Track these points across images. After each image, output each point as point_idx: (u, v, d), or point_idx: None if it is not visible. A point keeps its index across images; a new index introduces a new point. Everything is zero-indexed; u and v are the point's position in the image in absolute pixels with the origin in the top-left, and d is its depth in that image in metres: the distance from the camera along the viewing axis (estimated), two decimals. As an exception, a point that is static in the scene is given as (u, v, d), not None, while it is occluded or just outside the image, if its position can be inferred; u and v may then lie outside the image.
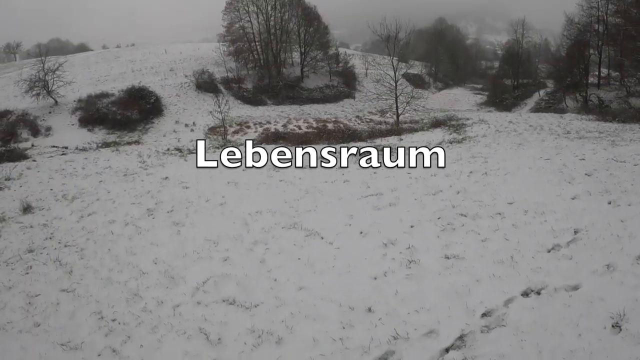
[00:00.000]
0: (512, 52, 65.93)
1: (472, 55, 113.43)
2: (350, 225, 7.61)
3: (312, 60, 53.33)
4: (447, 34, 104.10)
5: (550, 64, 52.54)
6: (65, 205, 10.87)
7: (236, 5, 51.35)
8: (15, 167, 16.94)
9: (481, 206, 7.63)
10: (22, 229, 9.03)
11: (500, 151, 13.01)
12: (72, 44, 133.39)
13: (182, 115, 37.19)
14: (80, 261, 7.02)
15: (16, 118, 33.11)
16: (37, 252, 7.61)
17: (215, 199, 10.30)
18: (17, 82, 37.42)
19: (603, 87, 39.95)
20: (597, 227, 5.90)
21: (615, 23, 39.07)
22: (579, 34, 42.46)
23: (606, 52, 41.80)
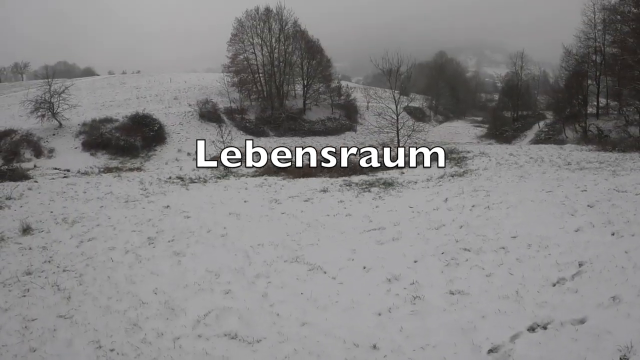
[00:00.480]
0: (511, 84, 66.63)
1: (472, 88, 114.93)
2: (353, 259, 7.57)
3: (314, 92, 53.78)
4: (448, 67, 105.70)
5: (549, 95, 52.96)
6: (65, 229, 10.83)
7: (241, 37, 52.16)
8: (17, 186, 16.90)
9: (485, 240, 7.60)
10: (20, 250, 8.99)
11: (502, 184, 13.02)
12: (79, 68, 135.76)
13: (185, 144, 37.35)
14: (79, 287, 6.96)
15: (20, 137, 33.12)
16: (35, 274, 7.56)
17: (216, 230, 10.27)
18: (23, 102, 37.63)
19: (602, 117, 40.19)
20: (601, 259, 5.86)
21: (612, 53, 39.43)
22: (577, 65, 42.90)
23: (604, 82, 42.13)
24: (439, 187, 14.19)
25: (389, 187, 15.19)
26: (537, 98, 67.82)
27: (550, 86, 57.31)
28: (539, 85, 73.45)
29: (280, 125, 46.42)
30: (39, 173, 25.01)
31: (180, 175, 22.86)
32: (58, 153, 32.21)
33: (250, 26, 51.86)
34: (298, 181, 18.53)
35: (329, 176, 19.86)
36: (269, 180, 18.99)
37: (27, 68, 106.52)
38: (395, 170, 20.35)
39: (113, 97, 51.87)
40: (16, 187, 16.80)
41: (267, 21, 51.79)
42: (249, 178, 20.73)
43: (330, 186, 16.42)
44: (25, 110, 36.82)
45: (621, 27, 37.28)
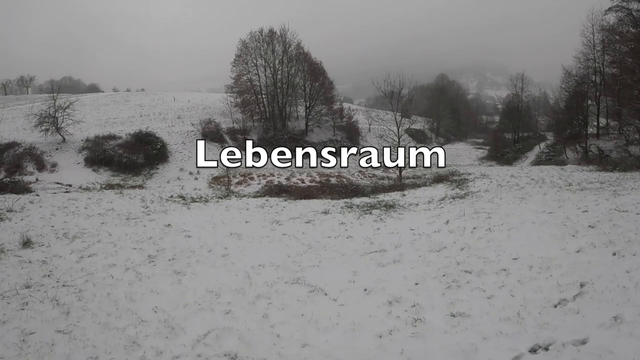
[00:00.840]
0: (512, 106, 67.20)
1: (473, 110, 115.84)
2: (354, 281, 7.56)
3: (316, 114, 54.19)
4: (449, 89, 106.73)
5: (550, 116, 53.30)
6: (66, 244, 10.78)
7: (245, 58, 52.92)
8: (18, 199, 16.90)
9: (486, 262, 7.59)
10: (20, 263, 8.93)
11: (503, 206, 13.02)
12: (84, 84, 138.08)
13: (187, 163, 37.55)
14: (78, 303, 6.89)
15: (23, 151, 33.48)
16: (34, 288, 7.50)
17: (217, 250, 10.26)
18: (28, 115, 38.01)
19: (602, 137, 40.28)
20: (603, 280, 5.86)
21: (611, 73, 39.85)
22: (576, 86, 43.23)
23: (604, 102, 42.40)
24: (440, 209, 14.19)
25: (390, 209, 15.21)
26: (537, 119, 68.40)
27: (551, 107, 57.61)
28: (540, 107, 74.07)
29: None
30: (40, 187, 25.20)
31: (181, 194, 22.89)
32: (60, 168, 32.48)
33: (254, 47, 52.69)
34: (299, 202, 18.56)
35: (331, 198, 19.93)
36: (271, 201, 19.03)
37: (33, 82, 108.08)
38: (397, 192, 20.36)
39: (117, 114, 52.41)
40: (18, 199, 16.81)
41: (271, 43, 52.64)
42: (251, 198, 20.74)
43: (332, 208, 16.45)
44: (29, 124, 37.39)
45: (620, 47, 37.72)
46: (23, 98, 73.79)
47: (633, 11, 39.50)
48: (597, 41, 41.83)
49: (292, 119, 55.03)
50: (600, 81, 42.02)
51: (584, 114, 40.78)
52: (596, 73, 42.33)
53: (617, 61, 37.93)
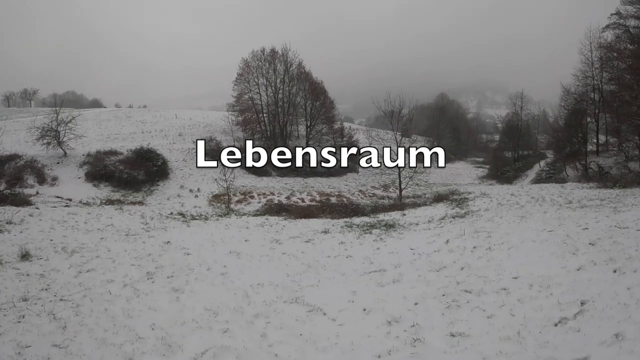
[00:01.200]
0: (511, 124, 67.50)
1: (473, 129, 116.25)
2: (354, 301, 7.51)
3: (317, 133, 54.43)
4: (449, 109, 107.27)
5: (549, 134, 53.46)
6: (64, 259, 10.75)
7: (246, 76, 53.39)
8: (18, 212, 16.88)
9: (486, 282, 7.54)
10: (18, 276, 8.90)
11: (503, 225, 12.97)
12: (87, 99, 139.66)
13: (188, 181, 37.58)
14: (75, 317, 6.84)
15: (24, 163, 33.64)
16: (31, 301, 7.47)
17: (216, 268, 10.24)
18: (30, 128, 38.31)
19: (602, 154, 40.35)
20: (603, 297, 5.80)
21: (610, 90, 40.13)
22: (575, 104, 43.37)
23: (603, 119, 42.56)
24: (440, 228, 14.16)
25: (390, 229, 15.18)
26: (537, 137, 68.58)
27: (550, 125, 57.78)
28: (539, 125, 74.30)
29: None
30: (40, 200, 25.18)
31: (181, 211, 22.89)
32: (61, 182, 32.55)
33: (256, 66, 53.24)
34: (299, 221, 18.55)
35: (331, 217, 19.91)
36: (270, 220, 19.00)
37: (36, 95, 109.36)
38: (397, 211, 20.33)
39: (119, 130, 52.77)
40: (17, 212, 16.80)
41: (273, 62, 53.20)
42: (251, 217, 20.72)
43: (332, 227, 16.42)
44: (31, 137, 37.68)
45: (618, 64, 38.05)
46: (26, 111, 74.68)
47: (630, 28, 39.97)
48: (595, 59, 42.22)
49: (293, 138, 55.32)
50: (599, 98, 42.27)
51: (584, 132, 40.91)
52: (595, 90, 42.61)
53: (615, 78, 38.22)
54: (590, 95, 42.93)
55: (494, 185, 42.43)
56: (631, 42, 38.40)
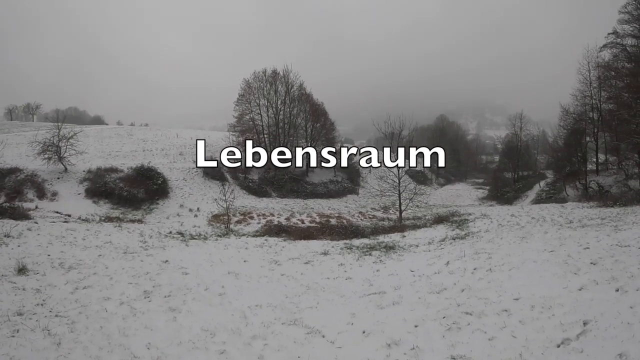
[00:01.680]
0: (511, 145, 67.63)
1: (472, 151, 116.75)
2: (353, 323, 7.43)
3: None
4: (449, 130, 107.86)
5: (549, 154, 53.57)
6: (61, 274, 10.62)
7: (248, 97, 53.72)
8: (17, 225, 16.73)
9: (487, 303, 7.46)
10: (14, 290, 8.79)
11: (504, 246, 12.91)
12: (89, 115, 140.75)
13: (187, 200, 37.50)
14: (70, 334, 6.73)
15: (24, 177, 33.65)
16: (26, 316, 7.36)
17: (214, 288, 10.13)
18: (32, 142, 38.46)
19: (602, 173, 40.35)
20: (606, 317, 5.74)
21: (608, 109, 40.26)
22: (574, 123, 43.51)
23: (602, 138, 42.59)
24: (441, 250, 14.10)
25: (390, 251, 15.12)
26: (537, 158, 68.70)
27: (550, 145, 57.90)
28: (539, 145, 74.52)
29: (283, 187, 46.79)
30: (39, 215, 25.04)
31: (180, 230, 22.80)
32: (61, 197, 32.52)
33: (257, 87, 53.63)
34: (299, 243, 18.45)
35: (330, 239, 19.83)
36: (270, 241, 18.90)
37: (39, 110, 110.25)
38: (397, 233, 20.26)
39: (120, 147, 52.90)
40: (16, 225, 16.66)
41: (274, 83, 53.60)
42: (250, 238, 20.62)
43: (331, 249, 16.34)
44: (32, 151, 37.82)
45: (616, 83, 38.25)
46: (28, 125, 75.23)
47: (627, 47, 40.34)
48: (593, 78, 42.54)
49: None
50: (597, 117, 42.43)
51: (583, 151, 41.00)
52: (593, 109, 42.81)
53: (613, 97, 38.39)
54: (589, 115, 43.12)
55: (494, 206, 42.40)
56: (629, 60, 38.73)
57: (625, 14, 39.89)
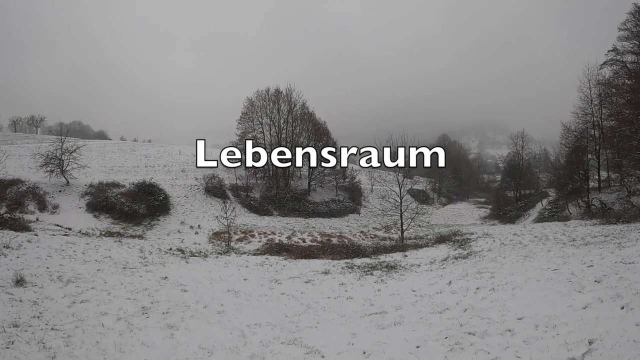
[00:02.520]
0: (513, 164, 67.57)
1: (474, 170, 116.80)
2: (353, 344, 7.32)
3: (319, 174, 54.33)
4: (451, 149, 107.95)
5: (551, 172, 53.52)
6: (59, 287, 10.49)
7: (251, 115, 53.82)
8: (16, 237, 16.63)
9: (490, 323, 7.34)
10: (10, 301, 8.66)
11: (507, 265, 12.81)
12: (92, 130, 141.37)
13: (189, 217, 37.37)
14: (65, 348, 6.62)
15: (26, 189, 33.58)
16: (22, 328, 7.25)
17: (213, 306, 10.03)
18: (35, 155, 38.39)
19: (604, 190, 40.15)
20: (612, 335, 5.62)
21: (610, 126, 40.25)
22: (576, 141, 43.37)
23: (604, 155, 42.47)
24: (443, 270, 14.03)
25: (392, 270, 15.07)
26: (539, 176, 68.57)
27: (552, 163, 57.93)
28: (541, 164, 74.51)
29: (285, 205, 46.61)
30: (40, 227, 24.99)
31: (181, 247, 22.73)
32: (62, 210, 32.44)
33: (260, 106, 53.79)
34: (300, 262, 18.38)
35: (331, 258, 19.73)
36: (270, 260, 18.81)
37: (43, 122, 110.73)
38: (399, 252, 20.14)
39: (122, 162, 52.89)
40: (16, 237, 16.57)
41: (277, 102, 53.78)
42: (251, 256, 20.53)
43: (332, 268, 16.25)
44: (35, 163, 37.75)
45: (617, 100, 38.29)
46: (32, 137, 75.32)
47: (627, 63, 40.61)
48: (594, 95, 42.59)
49: (295, 178, 55.32)
50: (599, 134, 42.41)
51: (585, 168, 40.81)
52: (595, 127, 42.83)
53: (614, 114, 38.40)
54: (590, 132, 43.11)
55: (496, 225, 42.23)
56: (629, 77, 38.93)
57: (624, 31, 40.31)
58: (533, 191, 62.14)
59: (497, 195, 65.40)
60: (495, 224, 46.01)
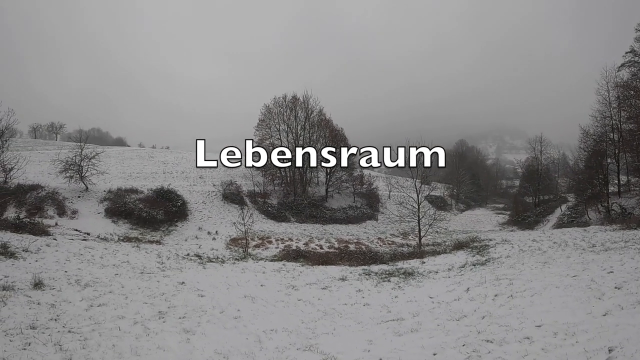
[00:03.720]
0: (531, 169, 66.74)
1: (492, 175, 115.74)
2: (369, 351, 7.31)
3: (337, 180, 54.29)
4: (468, 155, 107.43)
5: (570, 177, 52.63)
6: (77, 291, 10.62)
7: (268, 122, 54.09)
8: (35, 241, 16.79)
9: (508, 331, 7.27)
10: (28, 303, 8.79)
11: (526, 271, 12.64)
12: (111, 137, 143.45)
13: (206, 223, 37.61)
14: (82, 350, 6.70)
15: (46, 194, 34.02)
16: (39, 330, 7.35)
17: (230, 311, 10.07)
18: (54, 161, 38.96)
19: (624, 195, 39.27)
20: (632, 342, 5.53)
21: (629, 129, 39.31)
22: (595, 145, 42.56)
23: (623, 159, 41.58)
24: (461, 276, 13.91)
25: (409, 277, 14.97)
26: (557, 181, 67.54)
27: (571, 168, 56.91)
28: (559, 169, 73.34)
29: (302, 212, 46.67)
30: (59, 231, 25.36)
31: (198, 253, 22.87)
32: (81, 215, 32.90)
33: (277, 113, 54.02)
34: (317, 268, 18.34)
35: (349, 264, 19.67)
36: (288, 266, 18.81)
37: (62, 129, 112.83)
38: (416, 259, 20.01)
39: (141, 169, 53.58)
40: (35, 241, 16.73)
41: (294, 109, 53.92)
42: (268, 262, 20.54)
43: (349, 275, 16.20)
44: (54, 169, 38.33)
45: (635, 102, 37.53)
46: (51, 144, 76.76)
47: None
48: (612, 98, 41.78)
49: (313, 184, 55.39)
50: (618, 138, 41.48)
51: (604, 173, 40.02)
52: (614, 130, 41.94)
53: (633, 116, 37.58)
54: (609, 136, 42.23)
55: (515, 231, 41.71)
56: (647, 78, 38.19)
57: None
58: (552, 197, 61.27)
59: (516, 201, 64.60)
60: (514, 230, 45.46)
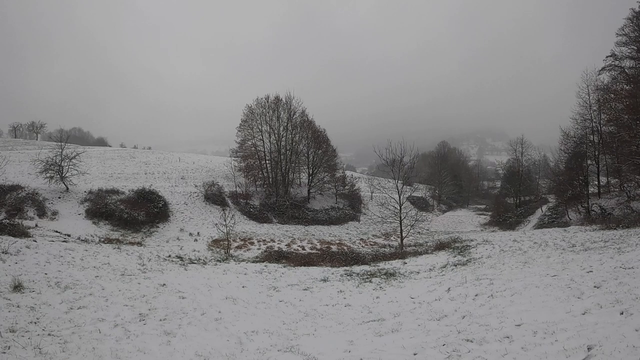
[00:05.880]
0: (512, 170, 67.42)
1: (474, 176, 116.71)
2: (350, 351, 7.28)
3: (319, 181, 54.35)
4: (450, 156, 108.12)
5: (550, 178, 53.25)
6: (57, 293, 10.48)
7: (250, 123, 53.79)
8: (15, 242, 16.59)
9: (488, 330, 7.30)
10: (8, 306, 8.65)
11: (506, 271, 12.76)
12: (92, 137, 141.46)
13: (188, 224, 37.21)
14: (62, 354, 6.59)
15: (25, 195, 33.30)
16: (18, 333, 7.22)
17: (211, 313, 10.01)
18: (34, 161, 38.36)
19: (604, 196, 40.01)
20: (611, 341, 5.59)
21: (609, 131, 40.06)
22: (575, 147, 43.24)
23: (603, 160, 42.40)
24: (442, 276, 13.98)
25: (391, 278, 15.01)
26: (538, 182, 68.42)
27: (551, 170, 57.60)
28: (540, 170, 74.24)
29: (284, 213, 46.50)
30: (39, 233, 24.81)
31: (180, 254, 22.67)
32: (61, 216, 32.19)
33: (260, 113, 53.68)
34: (299, 269, 18.31)
35: (331, 265, 19.67)
36: (269, 267, 18.76)
37: (43, 129, 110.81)
38: (398, 260, 20.08)
39: (122, 169, 52.86)
40: (14, 242, 16.53)
41: (277, 110, 53.63)
42: (250, 263, 20.46)
43: (331, 275, 16.20)
44: (34, 169, 37.60)
45: (615, 105, 38.12)
46: (32, 143, 75.44)
47: (626, 69, 40.54)
48: (592, 101, 42.54)
49: (295, 185, 55.28)
50: (598, 140, 42.35)
51: (584, 174, 40.65)
52: (594, 132, 42.78)
53: (613, 119, 38.24)
54: (589, 138, 43.08)
55: (496, 232, 42.13)
56: (627, 82, 38.85)
57: (622, 36, 40.33)
58: (533, 197, 61.99)
59: (497, 202, 65.23)
60: (495, 230, 45.91)
